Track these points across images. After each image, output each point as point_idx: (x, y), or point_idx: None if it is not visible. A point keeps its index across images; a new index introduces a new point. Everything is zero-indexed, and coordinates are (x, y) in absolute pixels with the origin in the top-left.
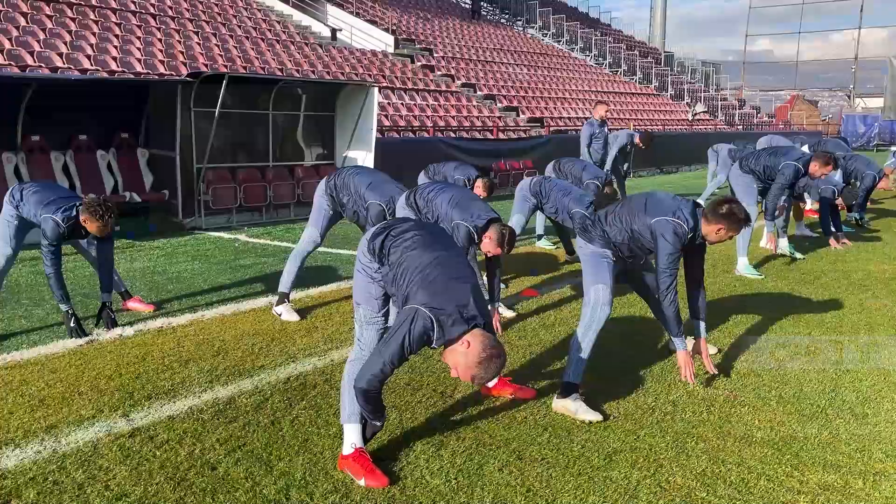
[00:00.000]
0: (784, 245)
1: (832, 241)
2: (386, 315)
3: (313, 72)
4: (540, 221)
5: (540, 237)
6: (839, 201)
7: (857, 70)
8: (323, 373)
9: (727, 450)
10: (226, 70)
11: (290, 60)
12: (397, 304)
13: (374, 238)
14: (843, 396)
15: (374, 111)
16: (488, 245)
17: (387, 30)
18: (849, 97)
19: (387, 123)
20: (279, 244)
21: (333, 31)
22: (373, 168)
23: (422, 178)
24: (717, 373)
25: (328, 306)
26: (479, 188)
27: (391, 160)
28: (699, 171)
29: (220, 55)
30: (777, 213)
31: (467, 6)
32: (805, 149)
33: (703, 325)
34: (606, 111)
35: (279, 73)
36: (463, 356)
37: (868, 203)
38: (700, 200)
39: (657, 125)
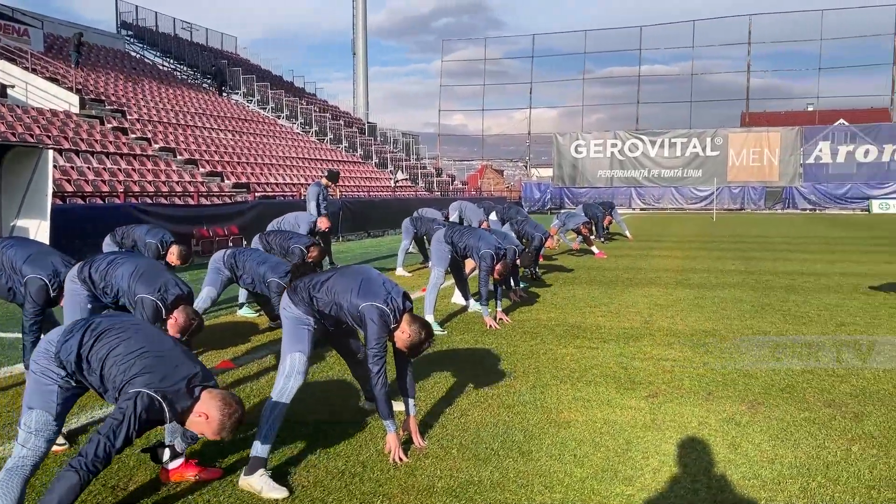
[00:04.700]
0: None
1: (511, 294)
2: (60, 423)
3: None
4: (243, 290)
5: (241, 305)
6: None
7: (531, 144)
8: None
9: None
10: None
11: None
12: (108, 396)
13: (65, 346)
14: (512, 437)
15: (48, 176)
16: (172, 327)
17: (70, 89)
18: (526, 167)
19: (70, 189)
20: None
21: (3, 87)
22: (32, 239)
23: (108, 243)
24: (424, 444)
25: None
26: (174, 255)
27: (73, 229)
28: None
29: None
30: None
31: (166, 68)
32: (493, 216)
33: (412, 402)
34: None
35: None
36: (207, 425)
37: (540, 259)
38: (399, 268)
39: (363, 192)
